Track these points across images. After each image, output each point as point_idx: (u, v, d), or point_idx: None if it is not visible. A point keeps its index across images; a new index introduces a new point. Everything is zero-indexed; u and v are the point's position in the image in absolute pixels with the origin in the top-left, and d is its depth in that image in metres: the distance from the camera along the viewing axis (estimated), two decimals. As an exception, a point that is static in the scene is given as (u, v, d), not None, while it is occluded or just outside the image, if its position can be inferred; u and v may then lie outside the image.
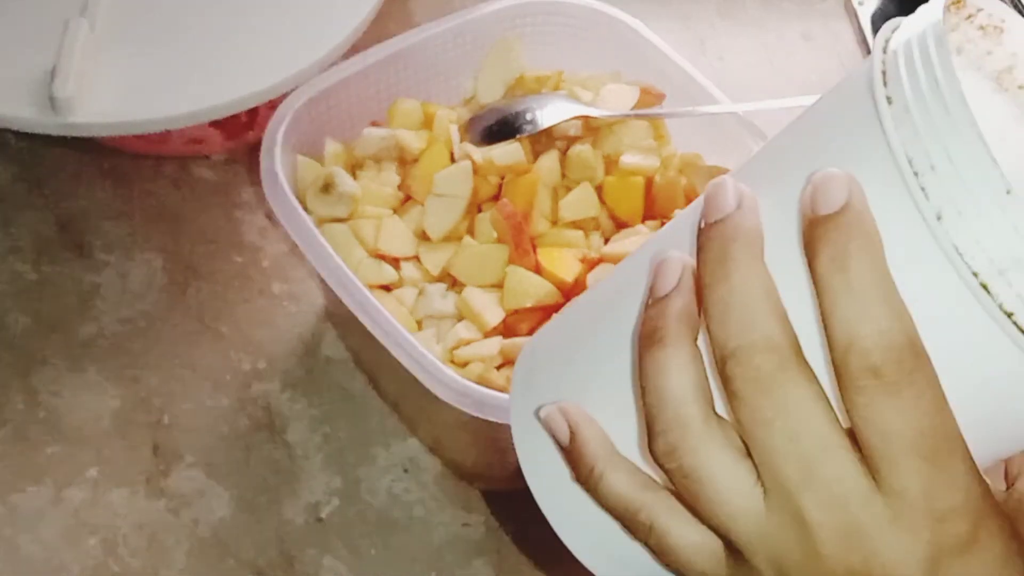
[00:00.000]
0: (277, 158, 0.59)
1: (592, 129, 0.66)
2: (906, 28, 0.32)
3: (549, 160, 0.64)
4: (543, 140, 0.65)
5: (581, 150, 0.64)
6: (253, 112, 0.72)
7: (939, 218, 0.28)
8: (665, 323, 0.31)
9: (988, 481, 0.30)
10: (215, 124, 0.71)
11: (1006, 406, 0.30)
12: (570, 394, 0.35)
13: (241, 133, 0.74)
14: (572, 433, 0.33)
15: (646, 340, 0.31)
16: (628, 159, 0.64)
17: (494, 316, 0.59)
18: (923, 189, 0.29)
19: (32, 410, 0.65)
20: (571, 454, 0.33)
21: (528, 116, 0.65)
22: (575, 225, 0.63)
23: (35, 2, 0.70)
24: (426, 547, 0.63)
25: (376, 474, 0.65)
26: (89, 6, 0.69)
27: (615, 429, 0.34)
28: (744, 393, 0.29)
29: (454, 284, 0.61)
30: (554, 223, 0.63)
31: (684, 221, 0.34)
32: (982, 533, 0.29)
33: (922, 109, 0.29)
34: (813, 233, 0.29)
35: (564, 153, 0.64)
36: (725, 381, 0.29)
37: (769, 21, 0.94)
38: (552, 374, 0.37)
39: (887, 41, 0.32)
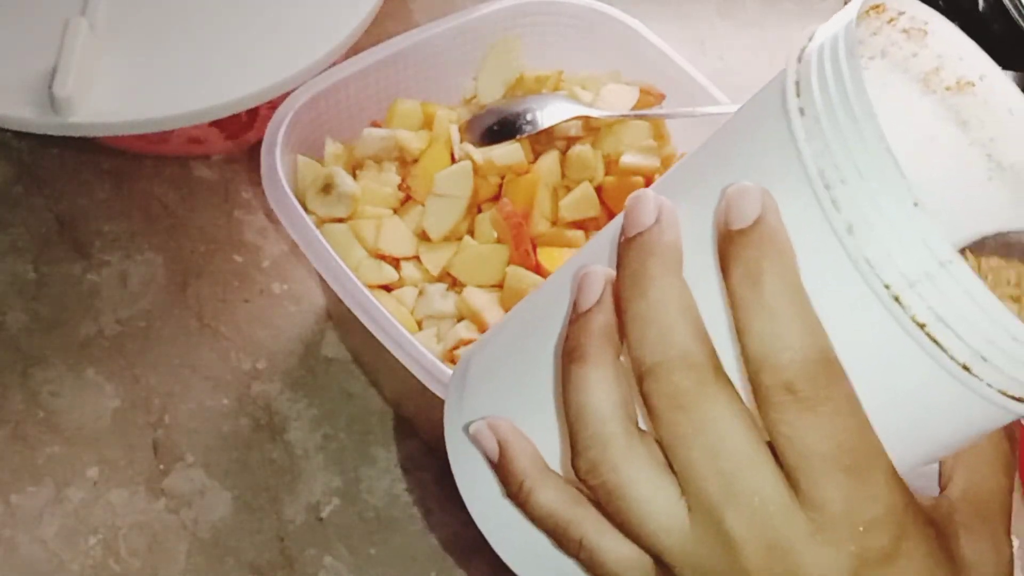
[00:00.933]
0: (277, 158, 0.59)
1: (592, 129, 0.66)
2: (820, 36, 0.32)
3: (549, 160, 0.64)
4: (543, 140, 0.65)
5: (581, 150, 0.64)
6: (253, 112, 0.72)
7: (850, 231, 0.28)
8: (586, 339, 0.30)
9: (914, 488, 0.30)
10: (215, 124, 0.71)
11: (925, 414, 0.30)
12: (500, 409, 0.35)
13: (241, 133, 0.74)
14: (501, 449, 0.33)
15: (568, 356, 0.31)
16: (628, 159, 0.64)
17: (494, 316, 0.59)
18: (834, 202, 0.29)
19: (32, 410, 0.65)
20: (501, 470, 0.33)
21: (528, 116, 0.65)
22: (575, 225, 0.63)
23: (35, 2, 0.70)
24: (426, 547, 0.63)
25: (376, 474, 0.65)
26: (89, 6, 0.69)
27: (544, 445, 0.34)
28: (663, 411, 0.29)
29: (454, 284, 0.61)
30: (554, 223, 0.63)
31: (607, 234, 0.34)
32: (905, 544, 0.29)
33: (832, 121, 0.29)
34: (727, 248, 0.29)
35: (564, 153, 0.65)
36: (644, 398, 0.29)
37: (769, 21, 0.94)
38: (483, 389, 0.37)
39: (802, 49, 0.32)
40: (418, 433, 0.67)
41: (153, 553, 0.61)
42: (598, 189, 0.64)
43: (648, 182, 0.64)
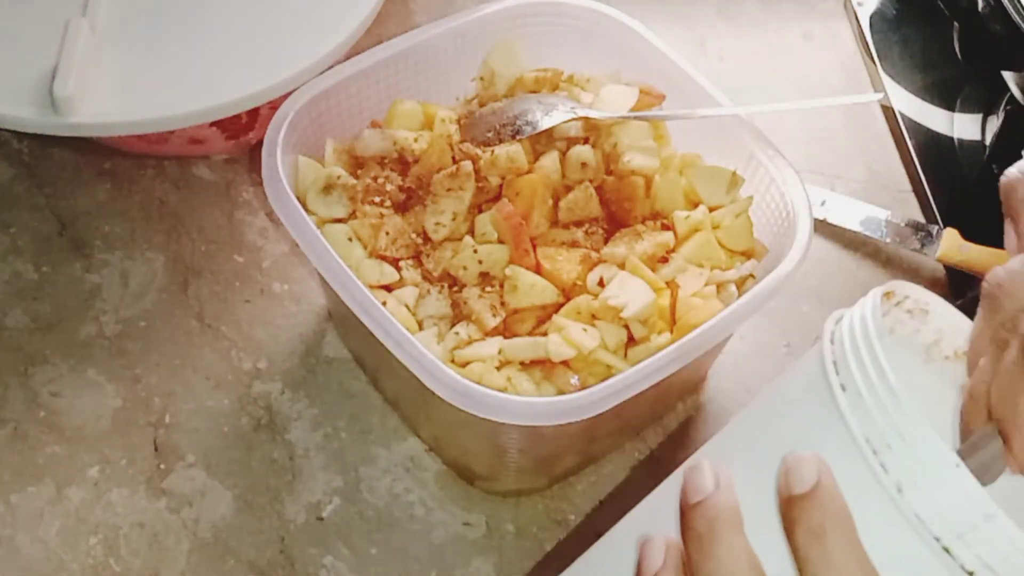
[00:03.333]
0: (278, 158, 0.59)
1: (592, 129, 0.66)
2: (848, 320, 0.38)
3: (549, 160, 0.64)
4: (543, 140, 0.65)
5: (581, 150, 0.64)
6: (254, 112, 0.72)
7: (899, 490, 0.33)
8: None
9: None
10: (216, 124, 0.71)
11: None
12: None
13: (242, 133, 0.74)
14: None
15: None
16: (628, 159, 0.64)
17: (494, 316, 0.59)
18: (883, 465, 0.33)
19: (32, 410, 0.66)
20: None
21: (528, 117, 0.65)
22: (575, 225, 0.63)
23: (36, 2, 0.70)
24: (426, 546, 0.63)
25: (377, 474, 0.65)
26: (89, 6, 0.69)
27: None
28: None
29: (454, 284, 0.61)
30: (554, 223, 0.63)
31: (663, 502, 0.38)
32: None
33: (873, 396, 0.34)
34: (790, 511, 0.33)
35: (564, 153, 0.65)
36: None
37: (769, 21, 0.94)
38: None
39: (832, 333, 0.38)
40: (418, 433, 0.67)
41: (154, 553, 0.61)
42: (598, 189, 0.64)
43: (648, 182, 0.64)
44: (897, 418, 0.34)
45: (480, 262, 0.60)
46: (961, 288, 0.77)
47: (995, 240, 0.76)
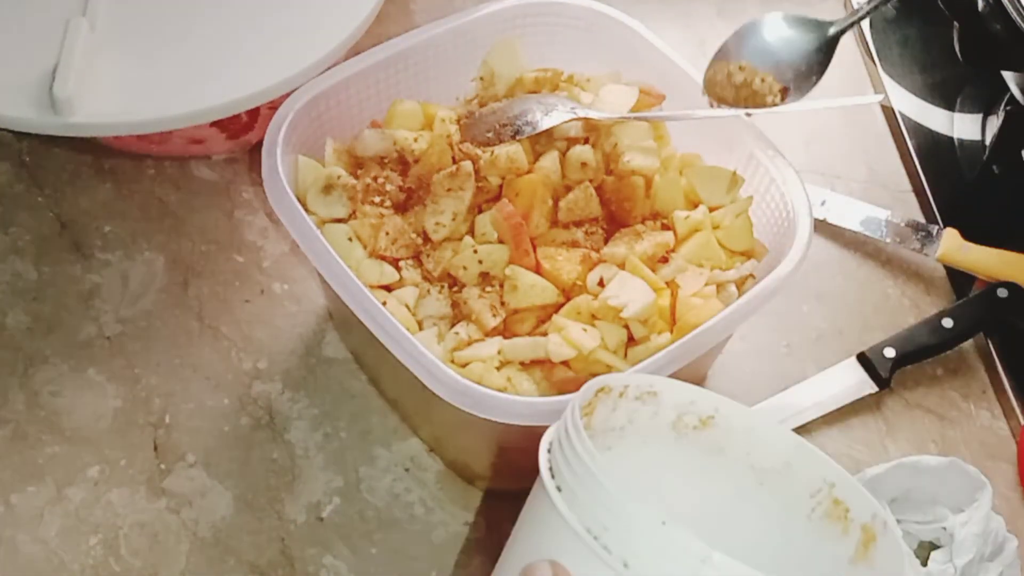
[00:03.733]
0: (278, 158, 0.59)
1: (592, 129, 0.66)
2: (555, 429, 0.43)
3: (549, 160, 0.64)
4: (543, 140, 0.65)
5: (581, 150, 0.64)
6: (254, 112, 0.72)
7: (626, 565, 0.37)
8: None
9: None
10: (216, 124, 0.71)
11: None
12: None
13: (242, 133, 0.74)
14: None
15: None
16: (628, 159, 0.64)
17: (494, 316, 0.59)
18: (605, 548, 0.37)
19: (32, 410, 0.66)
20: None
21: (528, 117, 0.65)
22: (575, 225, 0.63)
23: (35, 2, 0.70)
24: (426, 546, 0.63)
25: (377, 473, 0.65)
26: (89, 6, 0.69)
27: None
28: None
29: (454, 284, 0.61)
30: (554, 223, 0.63)
31: None
32: None
33: (581, 487, 0.39)
34: None
35: (564, 153, 0.65)
36: None
37: (769, 21, 0.94)
38: None
39: (549, 443, 0.43)
40: (418, 433, 0.67)
41: (154, 553, 0.61)
42: (598, 189, 0.64)
43: (648, 182, 0.64)
44: (604, 500, 0.37)
45: (480, 262, 0.60)
46: (961, 288, 0.77)
47: (995, 240, 0.76)
